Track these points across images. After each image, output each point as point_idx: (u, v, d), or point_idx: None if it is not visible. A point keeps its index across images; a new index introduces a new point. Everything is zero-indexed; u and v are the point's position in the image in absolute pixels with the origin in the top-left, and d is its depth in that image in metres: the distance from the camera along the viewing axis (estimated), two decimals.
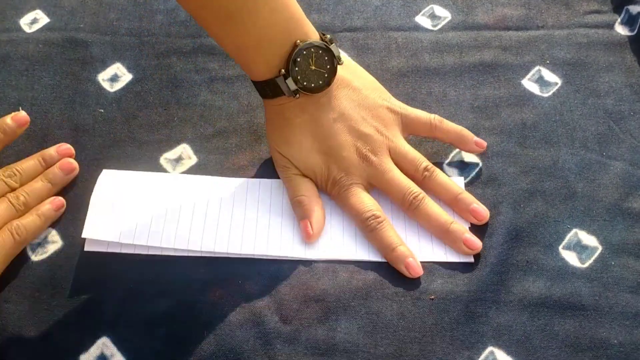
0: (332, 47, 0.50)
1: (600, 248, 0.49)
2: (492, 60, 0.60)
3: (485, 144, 0.53)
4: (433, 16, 0.64)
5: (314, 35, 0.50)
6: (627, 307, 0.46)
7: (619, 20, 0.62)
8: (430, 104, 0.58)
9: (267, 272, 0.49)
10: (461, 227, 0.49)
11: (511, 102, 0.57)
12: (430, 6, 0.65)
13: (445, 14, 0.64)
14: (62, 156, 0.54)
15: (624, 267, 0.48)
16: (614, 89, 0.58)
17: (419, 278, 0.48)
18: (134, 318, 0.47)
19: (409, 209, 0.50)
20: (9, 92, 0.59)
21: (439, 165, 0.54)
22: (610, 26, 0.62)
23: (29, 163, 0.53)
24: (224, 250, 0.49)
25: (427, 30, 0.63)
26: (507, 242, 0.49)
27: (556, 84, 0.58)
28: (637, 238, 0.49)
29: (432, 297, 0.47)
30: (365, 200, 0.50)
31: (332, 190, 0.51)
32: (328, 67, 0.49)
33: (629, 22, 0.62)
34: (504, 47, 0.61)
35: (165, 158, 0.55)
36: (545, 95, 0.58)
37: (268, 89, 0.50)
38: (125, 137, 0.56)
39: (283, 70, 0.48)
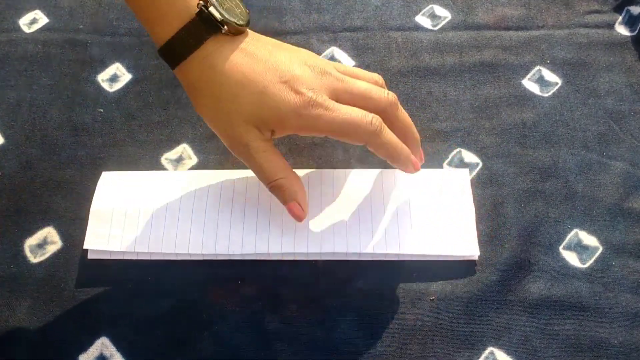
0: None
1: (600, 248, 0.49)
2: (492, 60, 0.60)
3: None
4: (433, 16, 0.64)
5: None
6: (627, 308, 0.46)
7: (619, 20, 0.62)
8: (430, 103, 0.58)
9: (267, 272, 0.49)
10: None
11: (511, 102, 0.57)
12: (430, 6, 0.65)
13: (445, 14, 0.64)
14: None
15: (625, 267, 0.48)
16: (614, 89, 0.58)
17: (416, 279, 0.48)
18: (133, 318, 0.47)
19: (387, 116, 0.47)
20: (8, 93, 0.59)
21: (439, 165, 0.54)
22: (611, 26, 0.62)
23: None
24: (225, 252, 0.49)
25: (427, 30, 0.63)
26: (508, 242, 0.49)
27: (556, 84, 0.58)
28: (637, 238, 0.49)
29: (432, 297, 0.47)
30: (355, 109, 0.45)
31: (312, 113, 0.44)
32: (239, 10, 0.47)
33: (630, 22, 0.62)
34: (504, 47, 0.61)
35: (166, 158, 0.55)
36: (546, 95, 0.58)
37: (190, 35, 0.45)
38: (125, 137, 0.56)
39: (201, 2, 0.44)
